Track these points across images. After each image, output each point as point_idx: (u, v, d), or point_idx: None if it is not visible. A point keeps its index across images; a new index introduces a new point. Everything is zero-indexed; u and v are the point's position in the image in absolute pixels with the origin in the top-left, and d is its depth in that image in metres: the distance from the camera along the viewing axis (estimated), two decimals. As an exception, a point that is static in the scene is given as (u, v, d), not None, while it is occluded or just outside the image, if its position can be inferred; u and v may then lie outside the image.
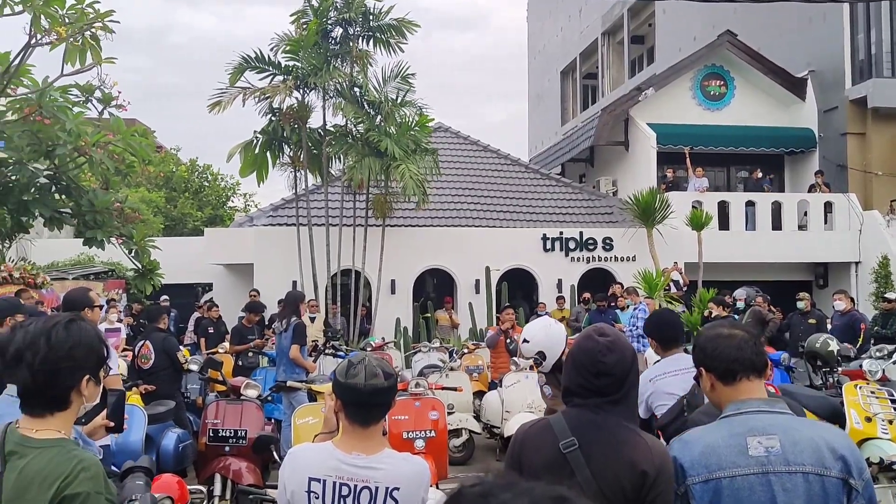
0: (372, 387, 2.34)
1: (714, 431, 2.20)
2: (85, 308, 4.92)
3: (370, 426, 2.38)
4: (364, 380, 2.35)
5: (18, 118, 8.26)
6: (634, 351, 2.38)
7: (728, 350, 2.23)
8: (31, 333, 2.04)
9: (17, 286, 12.23)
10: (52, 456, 1.97)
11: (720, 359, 2.23)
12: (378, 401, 2.38)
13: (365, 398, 2.35)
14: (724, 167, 19.52)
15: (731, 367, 2.22)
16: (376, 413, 2.39)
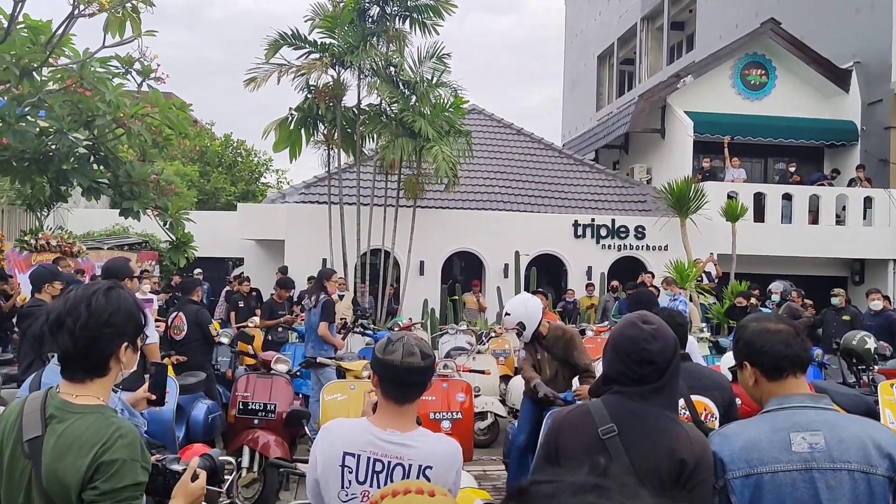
0: (408, 365, 2.35)
1: (756, 426, 2.15)
2: (125, 278, 5.00)
3: (405, 404, 2.39)
4: (401, 357, 2.36)
5: (60, 88, 8.35)
6: (677, 340, 2.34)
7: (776, 346, 2.18)
8: (72, 300, 2.06)
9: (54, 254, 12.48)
10: (90, 422, 1.99)
11: (768, 354, 2.18)
12: (413, 380, 2.38)
13: (400, 376, 2.37)
14: (762, 158, 19.17)
15: (780, 363, 2.17)
16: (411, 392, 2.40)
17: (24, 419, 2.02)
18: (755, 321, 2.28)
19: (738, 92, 18.48)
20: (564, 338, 5.47)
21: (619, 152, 21.59)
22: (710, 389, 3.75)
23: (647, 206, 16.89)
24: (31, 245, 13.03)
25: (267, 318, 9.71)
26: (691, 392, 3.62)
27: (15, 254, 12.94)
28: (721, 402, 3.72)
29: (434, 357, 2.46)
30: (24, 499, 2.00)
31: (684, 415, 3.52)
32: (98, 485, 1.91)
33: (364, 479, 2.32)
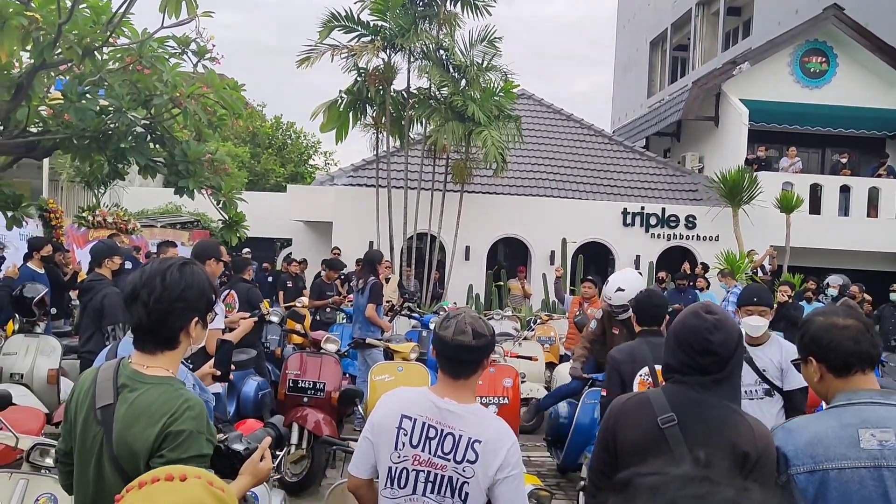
0: (458, 342, 2.38)
1: (822, 421, 2.10)
2: (212, 258, 5.07)
3: (459, 379, 2.42)
4: (452, 334, 2.40)
5: (120, 67, 8.50)
6: (741, 331, 2.30)
7: (845, 342, 2.11)
8: (148, 273, 2.11)
9: (110, 231, 12.83)
10: (160, 392, 2.04)
11: (836, 351, 2.12)
12: (464, 357, 2.40)
13: (451, 352, 2.41)
14: (820, 149, 18.63)
15: (848, 360, 2.11)
16: (463, 369, 2.42)
17: (98, 387, 2.08)
18: (822, 315, 2.22)
19: (797, 80, 17.97)
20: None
21: (670, 140, 21.22)
22: None
23: (699, 196, 16.58)
24: (89, 221, 13.41)
25: (315, 298, 9.83)
26: (657, 362, 3.93)
27: (73, 229, 13.34)
28: None
29: (491, 336, 2.46)
30: (95, 463, 2.06)
31: (648, 381, 4.08)
32: (165, 453, 1.96)
33: (417, 444, 2.36)
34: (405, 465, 2.36)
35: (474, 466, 2.32)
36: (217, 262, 5.16)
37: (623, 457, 2.27)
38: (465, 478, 2.33)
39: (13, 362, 6.38)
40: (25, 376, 6.30)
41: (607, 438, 2.34)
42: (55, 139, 8.82)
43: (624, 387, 4.14)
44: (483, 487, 2.34)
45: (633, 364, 4.21)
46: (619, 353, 4.33)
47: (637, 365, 4.21)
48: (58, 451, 2.29)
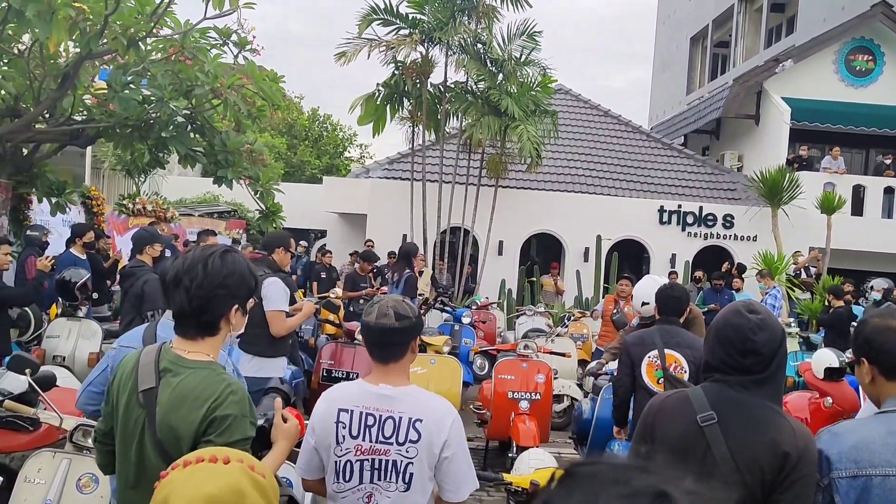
0: (381, 326, 2.41)
1: (869, 426, 2.06)
2: (280, 247, 5.39)
3: (389, 363, 2.45)
4: (375, 318, 2.43)
5: (163, 58, 8.63)
6: (784, 330, 2.26)
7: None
8: (190, 260, 2.15)
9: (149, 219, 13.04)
10: (203, 376, 2.08)
11: (889, 353, 2.08)
12: (387, 340, 2.43)
13: (374, 336, 2.45)
14: (864, 149, 18.21)
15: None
16: (390, 352, 2.44)
17: (140, 370, 2.13)
18: (879, 317, 2.18)
19: (842, 78, 17.58)
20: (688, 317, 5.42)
21: (709, 138, 20.92)
22: (683, 347, 4.42)
23: (737, 195, 16.34)
24: (129, 209, 13.65)
25: (349, 289, 9.88)
26: (666, 347, 4.40)
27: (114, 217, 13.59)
28: (692, 359, 4.35)
29: (415, 318, 2.47)
30: (137, 445, 2.11)
31: (656, 363, 4.42)
32: (212, 438, 2.00)
33: (357, 434, 2.38)
34: (348, 458, 2.38)
35: (417, 445, 2.34)
36: (285, 252, 5.44)
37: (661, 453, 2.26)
38: (409, 458, 2.34)
39: (56, 345, 6.53)
40: (67, 359, 6.45)
41: (645, 433, 2.33)
42: (99, 128, 9.00)
43: (633, 368, 4.50)
44: (428, 466, 2.35)
45: (643, 347, 4.51)
46: (631, 338, 4.72)
47: (647, 348, 4.50)
48: (97, 431, 2.35)
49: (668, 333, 4.50)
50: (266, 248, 5.58)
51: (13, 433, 3.74)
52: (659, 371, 4.48)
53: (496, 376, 6.25)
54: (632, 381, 4.55)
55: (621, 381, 4.63)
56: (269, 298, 5.15)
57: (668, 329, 4.52)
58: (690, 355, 4.39)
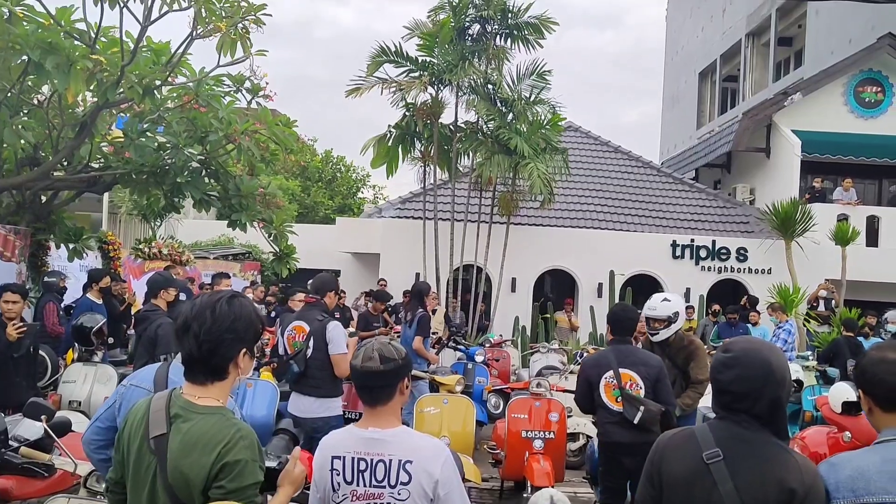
0: (366, 369, 2.44)
1: (865, 456, 2.09)
2: (332, 291, 5.72)
3: (376, 406, 2.47)
4: (360, 362, 2.46)
5: (177, 106, 8.84)
6: (770, 370, 2.18)
7: (889, 378, 2.10)
8: (198, 306, 2.19)
9: (165, 262, 13.19)
10: (214, 422, 2.11)
11: (880, 385, 2.11)
12: (373, 383, 2.45)
13: (360, 379, 2.48)
14: (876, 180, 18.15)
15: (890, 395, 2.09)
16: (376, 395, 2.46)
17: (151, 417, 2.16)
18: (877, 349, 2.20)
19: (851, 110, 17.61)
20: (689, 348, 5.48)
21: (720, 171, 20.95)
22: (637, 364, 4.66)
23: (750, 228, 16.30)
24: (145, 253, 13.81)
25: (362, 329, 9.91)
26: (620, 366, 4.65)
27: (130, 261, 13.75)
28: (647, 376, 4.62)
29: (402, 360, 2.48)
30: (148, 492, 2.13)
31: (612, 383, 4.67)
32: (224, 484, 2.03)
33: (351, 479, 2.40)
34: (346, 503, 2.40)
35: (409, 487, 2.35)
36: (335, 295, 5.77)
37: (669, 491, 2.27)
38: (401, 500, 2.36)
39: (72, 390, 6.58)
40: (83, 404, 6.50)
41: (653, 473, 2.33)
42: (115, 174, 9.18)
43: (591, 389, 4.76)
44: None
45: (598, 368, 4.76)
46: (588, 360, 5.10)
47: (602, 369, 4.73)
48: (108, 480, 2.37)
49: (622, 353, 4.74)
50: (318, 293, 5.68)
51: (29, 479, 3.78)
52: (616, 390, 4.67)
53: (509, 415, 6.22)
54: (590, 402, 4.80)
55: (579, 403, 4.92)
56: (334, 342, 5.32)
57: (622, 349, 4.77)
58: (645, 372, 4.64)
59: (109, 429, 2.83)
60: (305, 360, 5.38)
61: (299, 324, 5.62)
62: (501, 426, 6.56)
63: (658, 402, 4.65)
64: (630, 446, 4.56)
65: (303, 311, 5.84)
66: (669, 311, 5.36)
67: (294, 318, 5.86)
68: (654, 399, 4.65)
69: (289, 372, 5.47)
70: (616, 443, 4.72)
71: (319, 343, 5.37)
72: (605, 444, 4.88)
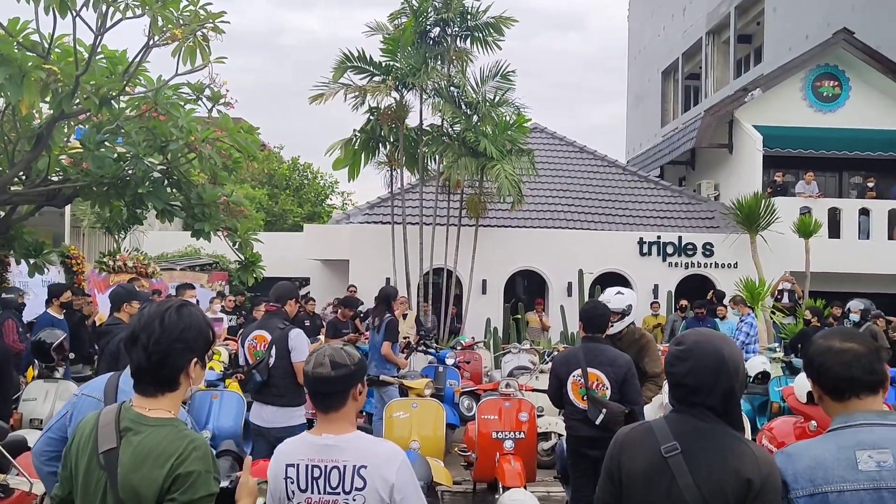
0: (317, 375, 2.42)
1: (821, 445, 2.10)
2: (292, 299, 5.71)
3: (329, 413, 2.44)
4: (311, 367, 2.44)
5: (136, 115, 8.69)
6: (723, 362, 2.20)
7: (835, 367, 2.11)
8: (146, 317, 2.15)
9: (130, 275, 12.98)
10: (165, 434, 2.07)
11: (829, 374, 2.11)
12: (324, 389, 2.43)
13: (311, 385, 2.46)
14: (836, 172, 18.50)
15: (838, 384, 2.10)
16: (329, 401, 2.44)
17: (100, 431, 2.11)
18: (823, 337, 2.21)
19: (810, 104, 17.94)
20: (640, 342, 5.49)
21: (685, 168, 21.20)
22: (604, 365, 4.67)
23: (716, 223, 16.51)
24: (109, 266, 13.59)
25: (331, 336, 9.85)
26: (588, 366, 4.68)
27: (94, 274, 13.52)
28: (613, 377, 4.64)
29: (354, 366, 2.45)
30: (98, 509, 2.08)
31: (580, 381, 4.71)
32: (176, 496, 1.99)
33: (305, 487, 2.38)
34: None
35: (364, 493, 2.33)
36: (295, 303, 5.78)
37: (628, 487, 2.27)
38: None
39: (33, 408, 6.44)
40: (45, 421, 6.35)
41: (612, 468, 2.33)
42: (75, 187, 8.99)
43: (561, 386, 4.82)
44: None
45: (567, 366, 4.82)
46: (558, 357, 5.22)
47: (571, 367, 4.78)
48: (53, 498, 2.30)
49: (591, 352, 4.77)
50: (278, 301, 5.65)
51: (-16, 501, 3.68)
52: (583, 389, 4.71)
53: (479, 417, 6.22)
54: (559, 398, 4.87)
55: (551, 399, 5.00)
56: (296, 350, 5.27)
57: (592, 347, 4.79)
58: (611, 373, 4.66)
59: (61, 440, 2.76)
60: (268, 369, 5.32)
61: (260, 333, 5.57)
62: (472, 428, 6.55)
63: (625, 401, 4.68)
64: (594, 440, 4.59)
65: (263, 319, 5.80)
66: (623, 304, 5.39)
67: (254, 327, 5.81)
68: (620, 398, 4.68)
69: (251, 382, 5.41)
70: (581, 437, 4.76)
71: (281, 351, 5.33)
72: (571, 438, 4.95)
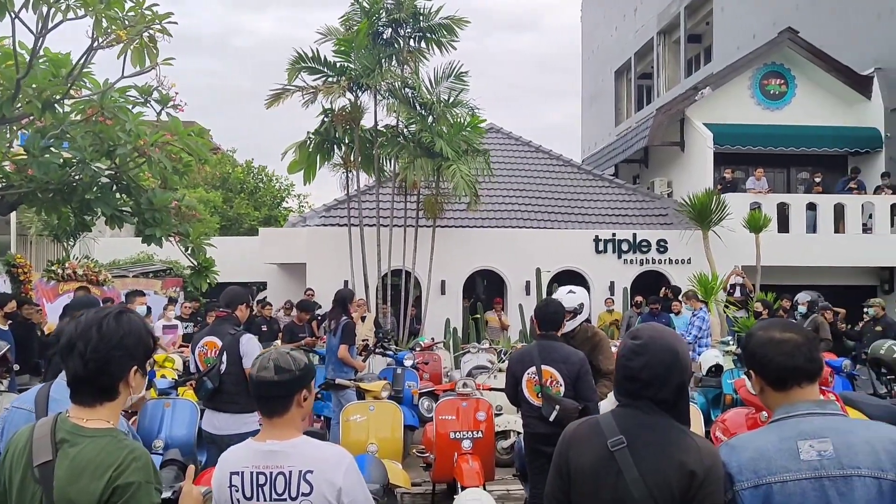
0: (260, 379, 2.39)
1: (764, 436, 2.12)
2: (243, 304, 5.54)
3: (273, 418, 2.41)
4: (255, 371, 2.41)
5: (81, 119, 8.51)
6: (676, 355, 2.25)
7: (778, 357, 2.14)
8: (83, 324, 2.09)
9: (80, 283, 12.67)
10: (103, 445, 2.01)
11: (770, 366, 2.15)
12: (267, 393, 2.40)
13: (255, 389, 2.43)
14: (785, 168, 18.96)
15: (782, 375, 2.13)
16: (272, 406, 2.41)
17: (35, 444, 2.04)
18: (762, 329, 2.24)
19: (758, 102, 18.35)
20: (593, 340, 5.50)
21: (638, 166, 21.51)
22: (558, 362, 4.69)
23: (669, 220, 16.77)
24: (59, 275, 13.24)
25: (287, 340, 9.75)
26: (543, 363, 4.69)
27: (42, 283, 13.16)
28: (566, 373, 4.67)
29: (299, 371, 2.42)
30: (33, 524, 2.01)
31: (534, 379, 4.73)
32: None
33: (250, 495, 2.35)
34: None
35: (310, 498, 2.31)
36: (246, 307, 5.62)
37: (577, 482, 2.27)
38: None
39: (-24, 422, 6.23)
40: (-11, 435, 6.15)
41: (560, 464, 2.34)
42: (19, 193, 8.77)
43: (517, 384, 4.83)
44: None
45: (522, 364, 4.84)
46: (514, 356, 5.19)
47: (526, 365, 4.79)
48: None
49: (545, 349, 4.78)
50: (229, 307, 5.54)
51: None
52: (538, 386, 4.74)
53: (437, 417, 6.20)
54: (516, 396, 4.89)
55: (508, 397, 5.00)
56: (248, 355, 5.15)
57: (546, 344, 4.81)
58: (565, 370, 4.68)
59: None
60: (219, 375, 5.23)
61: (210, 339, 5.48)
62: (430, 429, 6.54)
63: (579, 398, 4.70)
64: (550, 437, 4.60)
65: (214, 325, 5.69)
66: (575, 303, 5.41)
67: (205, 333, 5.72)
68: (575, 395, 4.70)
69: (202, 388, 5.31)
70: (538, 434, 4.77)
71: (233, 357, 5.24)
72: (528, 436, 4.97)
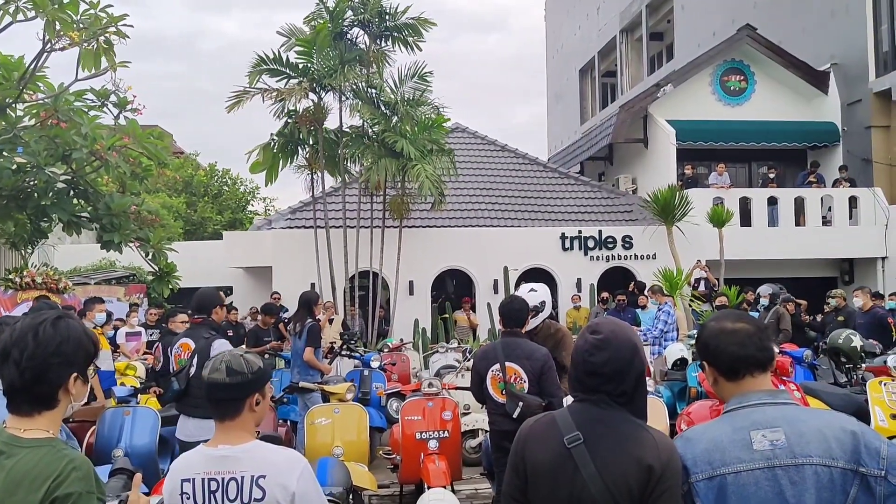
0: (211, 381, 2.36)
1: (717, 427, 2.12)
2: (217, 306, 5.46)
3: (225, 421, 2.38)
4: (207, 373, 2.38)
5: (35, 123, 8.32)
6: (636, 349, 2.26)
7: (730, 347, 2.15)
8: (19, 330, 2.01)
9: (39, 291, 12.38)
10: (41, 455, 1.94)
11: (722, 356, 2.15)
12: (220, 395, 2.37)
13: (206, 391, 2.39)
14: (746, 163, 19.25)
15: (734, 364, 2.14)
16: (224, 409, 2.37)
17: None
18: (714, 321, 2.26)
19: (719, 98, 18.61)
20: (556, 336, 5.49)
21: (603, 164, 21.67)
22: (521, 358, 4.69)
23: (634, 216, 16.91)
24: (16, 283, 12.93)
25: (252, 344, 9.64)
26: (507, 360, 4.69)
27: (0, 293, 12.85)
28: (530, 369, 4.67)
29: (252, 374, 2.38)
30: (-32, 539, 1.94)
31: (498, 376, 4.73)
32: None
33: (202, 502, 2.31)
34: None
35: (263, 503, 2.27)
36: (221, 308, 5.56)
37: (533, 479, 2.25)
38: None
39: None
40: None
41: (517, 462, 2.31)
42: (-29, 200, 8.56)
43: (482, 382, 4.82)
44: None
45: (486, 361, 4.83)
46: (478, 353, 5.16)
47: (490, 362, 4.79)
48: None
49: (509, 346, 4.79)
50: (202, 311, 5.48)
51: None
52: (502, 383, 4.74)
53: (403, 418, 6.17)
54: (481, 394, 4.88)
55: (474, 394, 4.99)
56: None
57: (510, 341, 4.81)
58: (528, 366, 4.68)
59: None
60: (187, 378, 5.17)
61: (186, 341, 5.49)
62: (397, 430, 6.50)
63: (543, 394, 4.70)
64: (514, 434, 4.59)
65: (190, 329, 5.66)
66: (536, 301, 5.39)
67: (182, 335, 5.68)
68: (539, 391, 4.70)
69: (169, 389, 5.24)
70: (503, 431, 4.76)
71: (203, 361, 5.17)
72: (493, 433, 4.97)
